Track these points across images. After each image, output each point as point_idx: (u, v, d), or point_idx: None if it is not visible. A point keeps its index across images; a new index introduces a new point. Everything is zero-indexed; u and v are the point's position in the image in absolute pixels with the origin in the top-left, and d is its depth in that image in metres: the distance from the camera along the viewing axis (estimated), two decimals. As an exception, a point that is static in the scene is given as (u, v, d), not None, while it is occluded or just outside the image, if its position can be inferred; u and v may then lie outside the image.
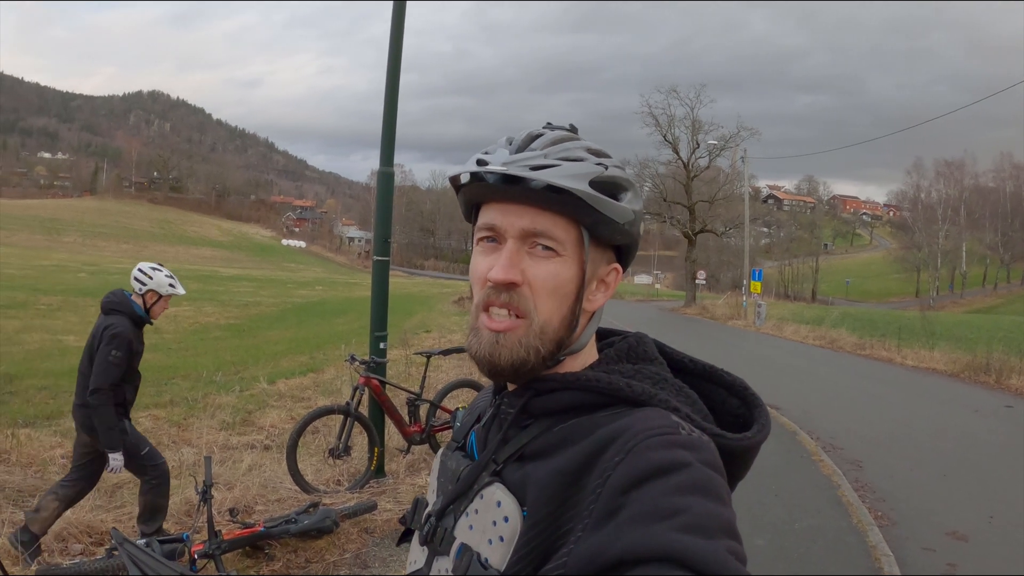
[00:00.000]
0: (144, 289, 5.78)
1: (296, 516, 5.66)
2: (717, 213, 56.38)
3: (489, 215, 1.16)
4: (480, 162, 1.14)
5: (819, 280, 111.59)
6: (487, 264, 1.15)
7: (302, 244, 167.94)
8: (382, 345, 8.09)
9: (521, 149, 1.14)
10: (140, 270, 5.81)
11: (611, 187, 1.13)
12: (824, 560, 6.14)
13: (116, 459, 5.43)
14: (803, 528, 6.85)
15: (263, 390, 11.88)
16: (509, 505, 1.08)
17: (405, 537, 1.35)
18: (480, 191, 1.16)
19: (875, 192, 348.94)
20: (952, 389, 16.97)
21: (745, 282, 41.95)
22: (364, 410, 7.82)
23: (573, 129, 1.21)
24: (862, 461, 9.55)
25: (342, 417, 7.62)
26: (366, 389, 7.76)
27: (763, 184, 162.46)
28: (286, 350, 18.08)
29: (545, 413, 1.16)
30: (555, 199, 1.10)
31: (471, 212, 1.21)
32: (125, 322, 5.61)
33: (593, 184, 1.10)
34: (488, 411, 1.28)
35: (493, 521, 1.08)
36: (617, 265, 1.22)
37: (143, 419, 9.40)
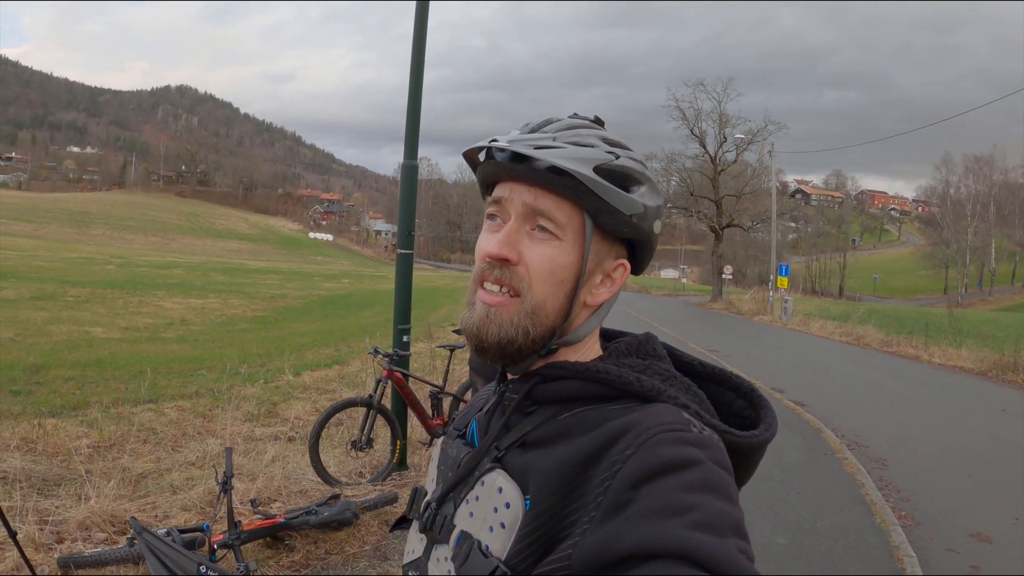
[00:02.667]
0: None
1: (316, 508, 5.68)
2: (744, 207, 56.16)
3: (497, 191, 1.16)
4: (493, 140, 1.15)
5: (847, 276, 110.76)
6: (487, 240, 1.16)
7: (329, 237, 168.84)
8: (405, 338, 8.10)
9: (534, 131, 1.15)
10: None
11: (620, 177, 1.13)
12: (846, 560, 6.09)
13: None
14: (825, 527, 6.80)
15: (288, 382, 11.92)
16: (511, 491, 1.07)
17: (400, 524, 1.36)
18: (493, 169, 1.16)
19: (904, 187, 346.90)
20: (979, 388, 16.85)
21: (772, 277, 41.75)
22: (387, 403, 7.84)
23: (598, 121, 1.21)
24: (887, 459, 9.47)
25: (365, 409, 7.64)
26: (389, 382, 7.77)
27: (791, 179, 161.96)
28: (312, 342, 18.14)
29: (550, 401, 1.15)
30: (558, 181, 1.09)
31: (487, 190, 1.22)
32: None
33: (599, 170, 1.10)
34: (491, 399, 1.27)
35: (495, 508, 1.08)
36: (624, 261, 1.20)
37: (169, 410, 9.48)
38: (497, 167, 1.15)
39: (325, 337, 19.26)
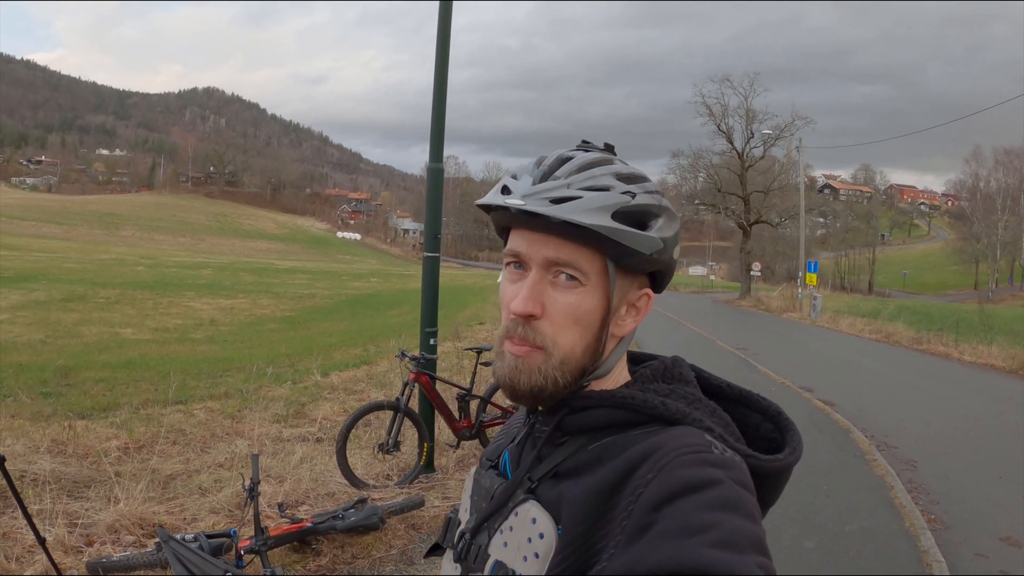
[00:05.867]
0: None
1: (343, 512, 5.69)
2: (772, 203, 55.93)
3: (515, 241, 1.16)
4: (505, 189, 1.14)
5: (876, 271, 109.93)
6: (512, 292, 1.15)
7: (357, 236, 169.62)
8: (432, 341, 8.09)
9: (546, 176, 1.13)
10: None
11: (638, 216, 1.12)
12: (874, 564, 6.03)
13: None
14: (854, 530, 6.74)
15: (316, 382, 11.96)
16: (544, 522, 1.08)
17: (433, 551, 1.36)
18: (507, 217, 1.15)
19: (933, 182, 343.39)
20: (1010, 387, 16.69)
21: (800, 274, 41.56)
22: (414, 405, 7.86)
23: (609, 148, 1.20)
24: (917, 461, 9.38)
25: (392, 412, 7.65)
26: (416, 385, 7.79)
27: (819, 174, 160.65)
28: (340, 342, 18.21)
29: (580, 431, 1.16)
30: (576, 232, 1.08)
31: (503, 232, 1.21)
32: None
33: (616, 215, 1.09)
34: (522, 430, 1.28)
35: (528, 538, 1.08)
36: (649, 290, 1.21)
37: (198, 411, 9.53)
38: (512, 217, 1.14)
39: (353, 337, 19.33)
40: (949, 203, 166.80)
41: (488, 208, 1.18)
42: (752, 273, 54.38)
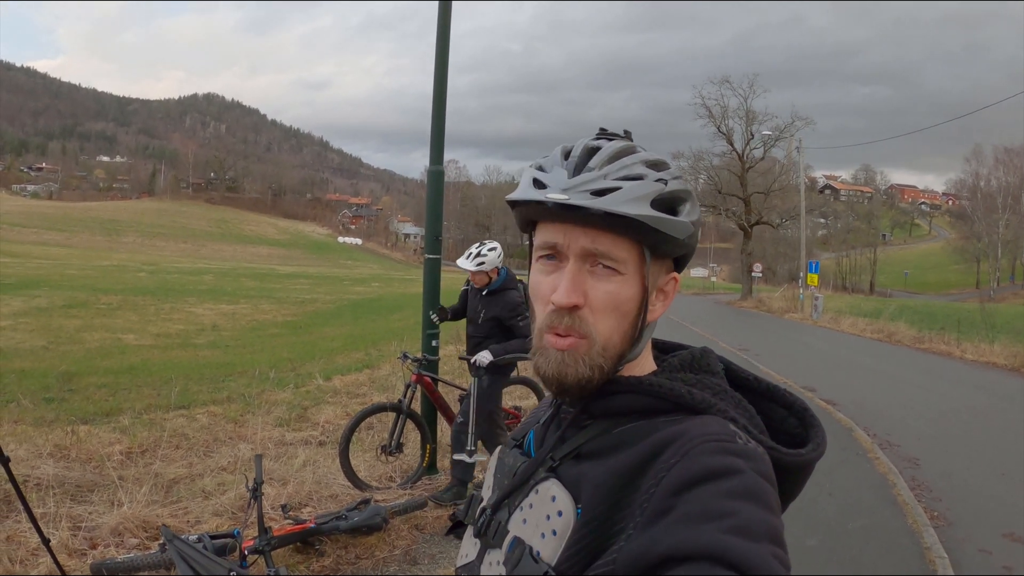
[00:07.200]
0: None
1: (346, 513, 5.69)
2: (773, 204, 55.94)
3: (549, 233, 1.16)
4: (537, 182, 1.14)
5: (877, 271, 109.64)
6: (549, 284, 1.15)
7: (358, 241, 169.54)
8: (434, 343, 8.08)
9: (579, 168, 1.13)
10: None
11: (670, 203, 1.14)
12: (877, 561, 6.04)
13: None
14: (856, 528, 6.74)
15: (319, 386, 11.95)
16: (564, 500, 1.10)
17: (453, 529, 1.39)
18: (537, 211, 1.15)
19: (934, 181, 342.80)
20: (1012, 384, 16.67)
21: (801, 274, 41.53)
22: (417, 407, 7.84)
23: (627, 135, 1.22)
24: (919, 459, 9.37)
25: (394, 414, 7.64)
26: (418, 386, 7.78)
27: (819, 174, 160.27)
28: (342, 347, 18.20)
29: (605, 415, 1.17)
30: (616, 221, 1.09)
31: (527, 226, 1.22)
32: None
33: (654, 204, 1.11)
34: (548, 411, 1.31)
35: (547, 515, 1.10)
36: (675, 274, 1.23)
37: (200, 415, 9.52)
38: (546, 211, 1.14)
39: (355, 341, 19.32)
40: (950, 202, 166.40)
41: (517, 203, 1.18)
42: (753, 274, 54.34)
